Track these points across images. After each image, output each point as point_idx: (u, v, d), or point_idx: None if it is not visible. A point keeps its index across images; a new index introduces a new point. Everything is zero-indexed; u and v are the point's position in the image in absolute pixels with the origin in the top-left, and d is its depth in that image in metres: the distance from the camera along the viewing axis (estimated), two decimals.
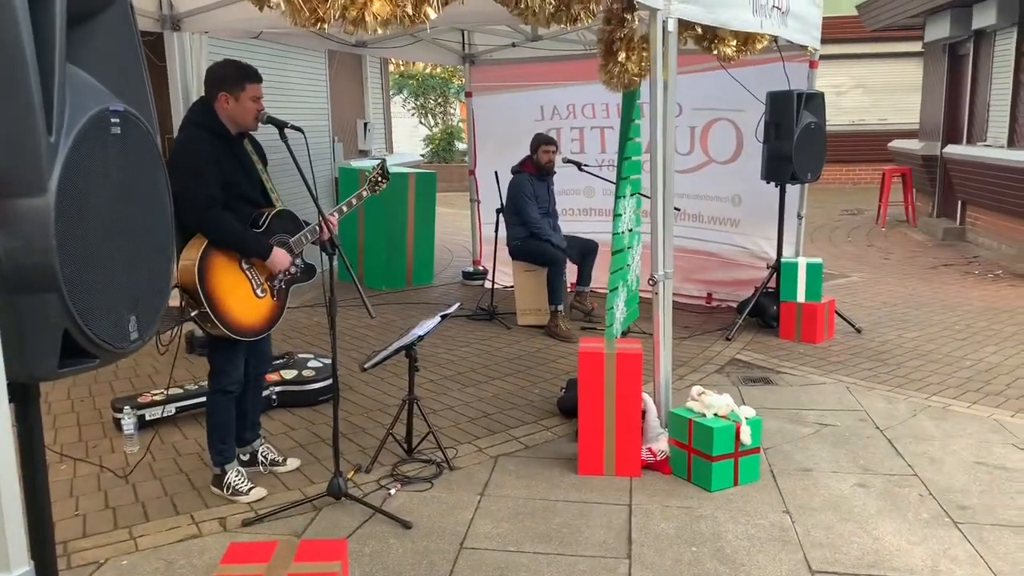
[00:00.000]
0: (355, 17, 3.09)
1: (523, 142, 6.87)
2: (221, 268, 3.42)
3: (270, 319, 3.61)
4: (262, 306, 3.56)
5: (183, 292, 3.36)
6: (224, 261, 3.44)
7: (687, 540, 3.26)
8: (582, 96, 7.54)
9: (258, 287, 3.54)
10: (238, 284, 3.48)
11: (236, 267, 3.48)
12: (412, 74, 20.83)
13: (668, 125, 3.99)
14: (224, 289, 3.42)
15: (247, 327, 3.50)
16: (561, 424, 4.51)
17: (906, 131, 14.86)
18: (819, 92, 6.25)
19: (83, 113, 1.49)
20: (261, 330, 3.57)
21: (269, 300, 3.59)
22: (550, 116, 7.79)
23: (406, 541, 3.28)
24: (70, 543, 3.31)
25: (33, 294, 1.44)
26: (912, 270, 8.99)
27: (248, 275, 3.52)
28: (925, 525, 3.36)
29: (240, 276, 3.49)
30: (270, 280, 3.60)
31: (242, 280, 3.50)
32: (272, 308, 3.61)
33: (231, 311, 3.43)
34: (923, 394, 4.94)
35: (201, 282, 3.34)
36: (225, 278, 3.43)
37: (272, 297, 3.61)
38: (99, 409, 4.83)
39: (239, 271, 3.49)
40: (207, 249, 3.38)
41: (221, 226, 3.40)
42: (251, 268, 3.53)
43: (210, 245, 3.39)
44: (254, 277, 3.54)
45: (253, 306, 3.52)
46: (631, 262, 4.60)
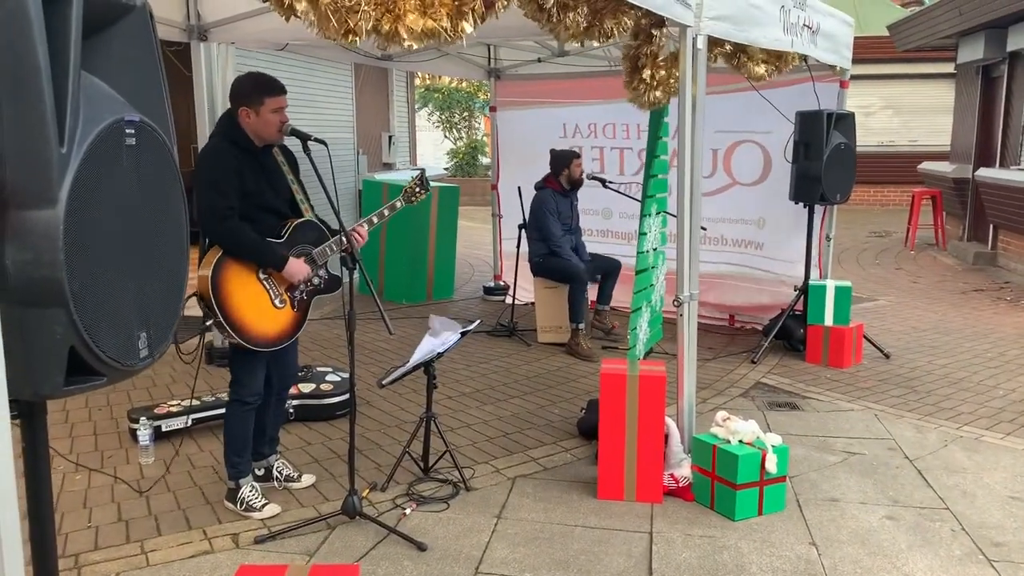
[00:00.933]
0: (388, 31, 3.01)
1: (546, 158, 6.81)
2: (237, 278, 3.39)
3: (289, 330, 3.56)
4: (281, 316, 3.52)
5: (200, 301, 3.33)
6: (240, 271, 3.41)
7: (709, 571, 3.16)
8: (605, 115, 7.48)
9: (276, 297, 3.50)
10: (255, 294, 3.44)
11: (253, 277, 3.45)
12: (438, 88, 20.90)
13: (696, 144, 3.91)
14: (239, 299, 3.38)
15: (264, 337, 3.45)
16: (581, 446, 4.43)
17: (936, 153, 14.66)
18: (849, 112, 6.16)
19: (97, 123, 1.45)
20: (279, 340, 3.52)
21: (289, 311, 3.55)
22: (572, 134, 7.73)
23: (420, 564, 3.20)
24: (81, 556, 3.27)
25: (40, 308, 1.40)
26: (942, 295, 8.81)
27: (266, 285, 3.48)
28: (958, 562, 3.24)
29: (257, 286, 3.45)
30: (290, 291, 3.56)
31: (259, 290, 3.46)
32: (292, 319, 3.57)
33: (246, 321, 3.39)
34: (954, 423, 4.80)
35: (215, 291, 3.31)
36: (241, 288, 3.40)
37: (292, 308, 3.56)
38: (116, 419, 4.80)
39: (256, 281, 3.45)
40: (222, 259, 3.35)
41: (236, 236, 3.38)
42: (269, 278, 3.49)
43: (225, 255, 3.36)
44: (272, 287, 3.50)
45: (271, 316, 3.48)
46: (655, 282, 4.52)
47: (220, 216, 3.33)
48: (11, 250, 1.37)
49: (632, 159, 7.47)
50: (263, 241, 3.45)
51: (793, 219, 6.56)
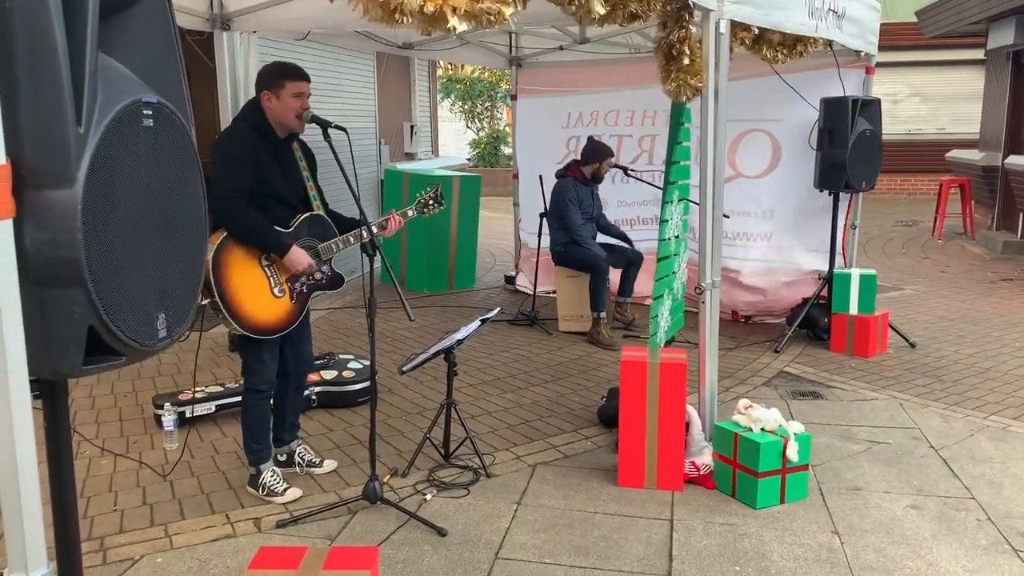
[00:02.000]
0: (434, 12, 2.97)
1: (569, 146, 6.77)
2: (238, 261, 3.40)
3: (286, 320, 3.54)
4: (278, 306, 3.51)
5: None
6: (243, 254, 3.41)
7: (730, 559, 3.15)
8: (627, 102, 7.40)
9: (276, 286, 3.50)
10: (255, 280, 3.44)
11: (255, 263, 3.45)
12: (459, 78, 20.87)
13: (719, 130, 3.88)
14: (238, 282, 3.38)
15: (258, 324, 3.44)
16: (601, 434, 4.42)
17: (964, 141, 14.42)
18: (875, 99, 6.07)
19: (114, 104, 1.46)
20: (275, 330, 3.50)
21: (287, 301, 3.54)
22: (591, 121, 7.64)
23: (441, 549, 3.21)
24: (107, 538, 3.31)
25: (59, 288, 1.40)
26: (969, 284, 8.68)
27: (267, 272, 3.48)
28: (984, 552, 3.20)
29: (258, 272, 3.46)
30: (291, 281, 3.55)
31: (260, 276, 3.46)
32: (288, 310, 3.54)
33: (243, 305, 3.39)
34: (981, 413, 4.73)
35: (215, 271, 3.31)
36: (241, 271, 3.40)
37: (291, 299, 3.55)
38: (141, 405, 4.86)
39: (258, 267, 3.46)
40: (227, 240, 3.36)
41: (239, 217, 3.37)
42: (271, 266, 3.49)
43: (229, 236, 3.37)
44: (273, 276, 3.50)
45: (268, 304, 3.47)
46: (677, 269, 4.48)
47: (227, 195, 3.33)
48: (30, 230, 1.38)
49: (632, 146, 7.37)
50: (267, 225, 3.44)
51: (807, 208, 6.44)
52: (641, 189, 6.96)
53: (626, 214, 7.47)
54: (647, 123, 7.31)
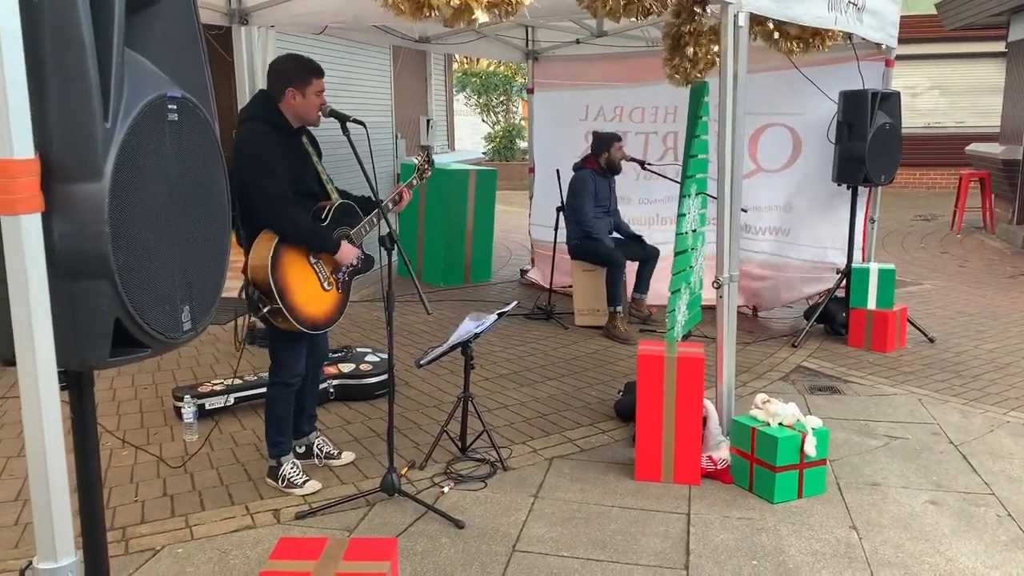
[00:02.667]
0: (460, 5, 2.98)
1: (587, 139, 6.74)
2: (292, 263, 3.42)
3: (337, 311, 3.61)
4: (329, 299, 3.56)
5: (255, 288, 3.35)
6: (294, 256, 3.44)
7: (747, 553, 3.15)
8: (646, 98, 7.37)
9: (325, 280, 3.54)
10: (307, 278, 3.48)
11: (305, 261, 3.48)
12: (475, 72, 20.86)
13: (737, 123, 3.86)
14: (294, 284, 3.42)
15: (315, 320, 3.50)
16: (618, 428, 4.42)
17: (984, 135, 14.29)
18: (895, 91, 6.02)
19: (140, 99, 1.47)
20: (328, 323, 3.56)
21: (335, 293, 3.59)
22: (611, 117, 7.62)
23: (458, 541, 3.23)
24: (128, 528, 3.35)
25: (86, 281, 1.42)
26: (989, 279, 8.61)
27: (315, 269, 3.52)
28: (1004, 548, 3.18)
29: (308, 270, 3.49)
30: (335, 273, 3.60)
31: (310, 274, 3.50)
32: (338, 301, 3.61)
33: (302, 305, 3.43)
34: (1001, 408, 4.70)
35: (274, 277, 3.33)
36: (295, 272, 3.43)
37: (337, 289, 3.60)
38: (161, 397, 4.90)
39: (308, 265, 3.49)
40: (279, 245, 3.37)
41: (293, 221, 3.39)
42: (318, 262, 3.53)
43: (281, 241, 3.38)
44: (321, 270, 3.54)
45: (321, 299, 3.52)
46: (694, 263, 4.48)
47: (275, 200, 3.33)
48: (57, 223, 1.40)
49: (657, 143, 7.33)
50: (319, 226, 3.48)
51: (825, 203, 6.41)
52: (661, 186, 6.93)
53: (646, 212, 7.43)
54: (669, 120, 7.29)
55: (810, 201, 6.50)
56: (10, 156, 1.33)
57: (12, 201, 1.34)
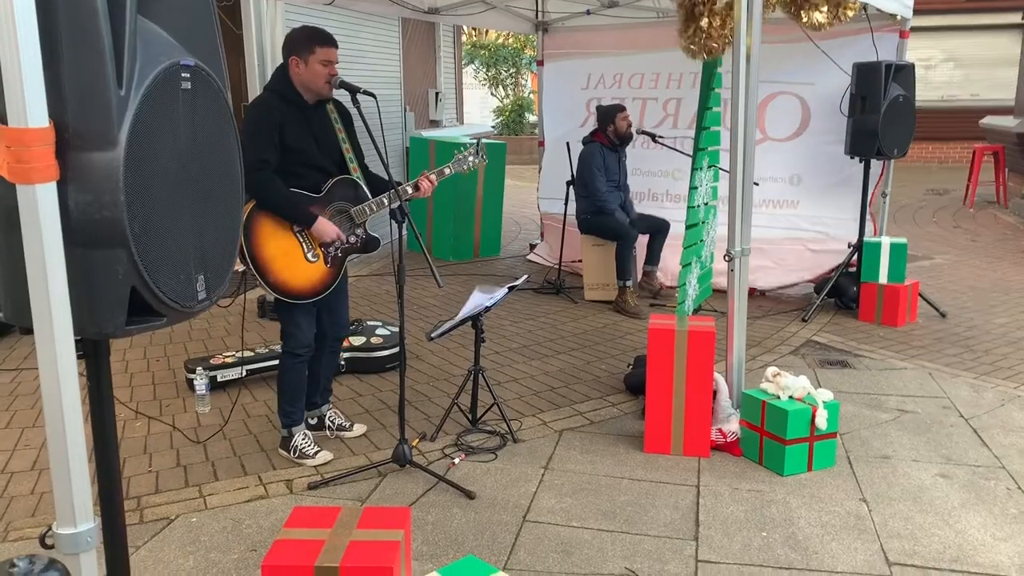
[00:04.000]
0: None
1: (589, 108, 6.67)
2: (270, 229, 3.43)
3: (321, 284, 3.57)
4: (312, 271, 3.54)
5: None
6: (274, 223, 3.45)
7: (757, 524, 3.16)
8: (645, 65, 7.27)
9: (309, 251, 3.52)
10: (288, 246, 3.47)
11: (287, 230, 3.48)
12: (484, 44, 20.71)
13: (750, 96, 3.82)
14: (270, 249, 3.42)
15: (294, 289, 3.48)
16: (627, 401, 4.43)
17: (999, 108, 14.13)
18: (909, 63, 5.95)
19: (154, 66, 1.47)
20: (311, 293, 3.54)
21: (321, 266, 3.56)
22: (611, 84, 7.51)
23: (469, 511, 3.26)
24: (143, 498, 3.39)
25: (102, 249, 1.43)
26: (1002, 253, 8.56)
27: (299, 238, 3.51)
28: (1013, 520, 3.19)
29: (290, 239, 3.49)
30: (324, 246, 3.58)
31: (293, 243, 3.49)
32: (324, 273, 3.57)
33: (277, 272, 3.43)
34: (1012, 383, 4.69)
35: (246, 240, 3.36)
36: (273, 239, 3.44)
37: (325, 263, 3.58)
38: (173, 369, 4.94)
39: (290, 234, 3.49)
40: (256, 208, 3.40)
41: (267, 189, 3.40)
42: (302, 232, 3.52)
43: (258, 206, 3.40)
44: (305, 240, 3.52)
45: (302, 270, 3.51)
46: (705, 237, 4.46)
47: (252, 167, 3.32)
48: (73, 191, 1.40)
49: (656, 109, 7.23)
50: (292, 196, 3.46)
51: (835, 175, 6.35)
52: (666, 158, 6.87)
53: (650, 185, 7.36)
54: (672, 86, 7.19)
55: (819, 173, 6.45)
56: (24, 125, 1.33)
57: (27, 170, 1.34)
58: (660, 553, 2.96)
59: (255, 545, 3.02)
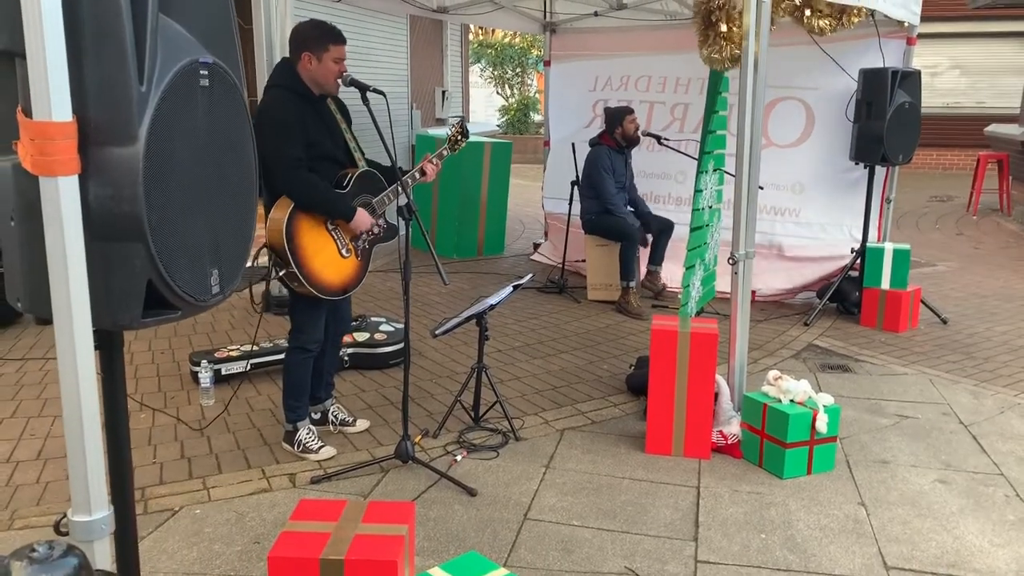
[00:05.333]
0: None
1: (595, 110, 6.69)
2: (308, 228, 3.45)
3: (355, 279, 3.63)
4: (347, 266, 3.58)
5: (271, 251, 3.39)
6: (311, 221, 3.46)
7: (756, 526, 3.19)
8: (654, 68, 7.28)
9: (343, 247, 3.57)
10: (324, 244, 3.50)
11: (322, 227, 3.50)
12: (491, 43, 20.73)
13: (757, 100, 3.84)
14: (311, 249, 3.45)
15: (332, 286, 3.53)
16: (629, 401, 4.46)
17: (1004, 116, 14.12)
18: (915, 70, 5.97)
19: (173, 64, 1.49)
20: (346, 289, 3.59)
21: (354, 260, 3.61)
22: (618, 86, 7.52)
23: (471, 508, 3.28)
24: (147, 489, 3.41)
25: (120, 243, 1.45)
26: (1004, 261, 8.57)
27: (333, 235, 3.54)
28: (1011, 527, 3.21)
29: (326, 236, 3.52)
30: (354, 240, 3.62)
31: (328, 240, 3.52)
32: (356, 268, 3.63)
33: (317, 271, 3.46)
34: (1012, 390, 4.71)
35: (289, 241, 3.36)
36: (312, 238, 3.46)
37: (356, 257, 3.63)
38: (178, 362, 4.96)
39: (325, 231, 3.51)
40: (295, 209, 3.40)
41: (306, 187, 3.41)
42: (336, 228, 3.55)
43: (297, 206, 3.41)
44: (339, 237, 3.56)
45: (339, 266, 3.55)
46: (709, 240, 4.48)
47: (290, 166, 3.36)
48: (93, 186, 1.43)
49: (663, 113, 7.24)
50: (334, 192, 3.50)
51: (839, 181, 6.36)
52: (671, 161, 6.89)
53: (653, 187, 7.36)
54: (680, 91, 7.20)
55: (823, 179, 6.46)
56: (48, 118, 1.36)
57: (50, 163, 1.37)
58: (660, 553, 2.99)
59: (258, 537, 3.05)
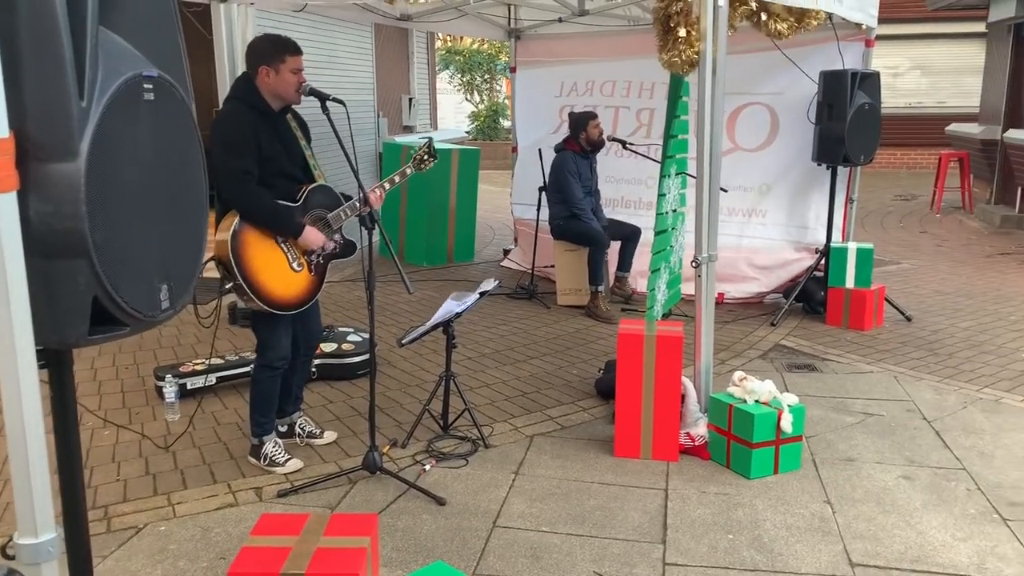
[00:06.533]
0: None
1: (562, 115, 6.72)
2: (256, 241, 3.42)
3: (307, 293, 3.60)
4: (298, 280, 3.55)
5: (218, 264, 3.37)
6: (259, 235, 3.43)
7: (724, 527, 3.20)
8: (618, 73, 7.32)
9: (294, 261, 3.54)
10: (273, 258, 3.47)
11: (271, 241, 3.47)
12: (458, 50, 20.74)
13: (716, 104, 3.88)
14: (258, 262, 3.42)
15: (282, 300, 3.49)
16: (598, 406, 4.47)
17: (964, 115, 14.38)
18: (874, 72, 6.06)
19: (116, 78, 1.47)
20: (298, 304, 3.56)
21: (306, 274, 3.58)
22: (583, 91, 7.56)
23: (439, 517, 3.27)
24: (111, 507, 3.36)
25: (63, 260, 1.43)
26: (967, 258, 8.72)
27: (283, 248, 3.51)
28: (972, 521, 3.25)
29: (275, 250, 3.49)
30: (307, 255, 3.59)
31: (277, 254, 3.49)
32: (309, 282, 3.60)
33: (265, 284, 3.43)
34: (974, 386, 4.78)
35: (235, 254, 3.34)
36: (259, 251, 3.43)
37: (309, 271, 3.59)
38: (142, 377, 4.90)
39: (275, 245, 3.48)
40: (241, 222, 3.38)
41: (253, 201, 3.39)
42: (286, 242, 3.52)
43: (242, 219, 3.39)
44: (290, 251, 3.53)
45: (289, 280, 3.51)
46: (674, 243, 4.51)
47: (238, 179, 3.35)
48: (34, 202, 1.40)
49: (629, 118, 7.27)
50: (280, 208, 3.47)
51: (804, 182, 6.44)
52: (640, 166, 6.92)
53: (623, 192, 7.38)
54: (644, 96, 7.24)
55: (788, 181, 6.53)
56: None
57: None
58: (628, 556, 2.99)
59: (224, 553, 3.01)
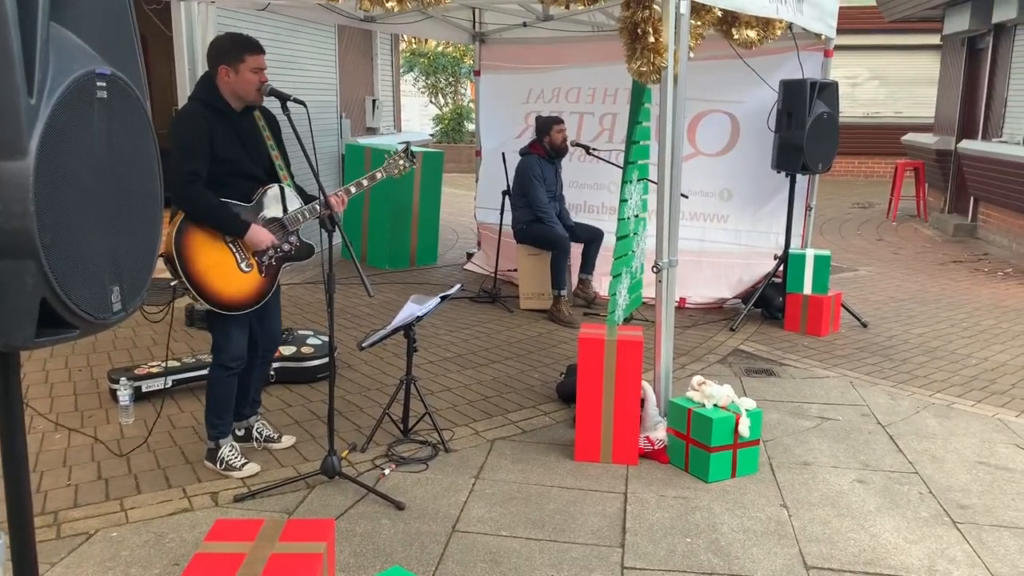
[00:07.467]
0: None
1: (527, 121, 6.73)
2: (202, 240, 3.38)
3: (257, 294, 3.53)
4: (247, 281, 3.50)
5: (166, 262, 3.33)
6: (206, 234, 3.40)
7: (682, 531, 3.23)
8: (583, 79, 7.36)
9: (243, 261, 3.48)
10: (220, 258, 3.43)
11: (219, 241, 3.43)
12: (423, 52, 20.69)
13: (677, 111, 3.91)
14: (204, 262, 3.38)
15: (230, 300, 3.44)
16: (560, 410, 4.48)
17: (921, 125, 14.70)
18: (833, 81, 6.16)
19: (67, 75, 1.44)
20: (246, 304, 3.50)
21: (255, 275, 3.52)
22: (549, 98, 7.59)
23: (398, 522, 3.25)
24: (60, 512, 3.29)
25: (10, 260, 1.39)
26: (921, 266, 8.90)
27: (232, 249, 3.46)
28: (924, 524, 3.32)
29: (223, 250, 3.44)
30: (257, 256, 3.54)
31: (225, 254, 3.44)
32: (258, 284, 3.53)
33: (211, 284, 3.38)
34: (927, 391, 4.88)
35: (179, 253, 3.30)
36: (205, 251, 3.39)
37: (260, 273, 3.54)
38: (96, 379, 4.80)
39: (223, 245, 3.44)
40: (185, 220, 3.35)
41: (198, 201, 3.36)
42: (235, 242, 3.48)
43: (187, 218, 3.36)
44: (238, 251, 3.48)
45: (236, 280, 3.46)
46: (636, 248, 4.54)
47: (183, 180, 3.31)
48: None
49: (593, 124, 7.31)
50: (224, 208, 3.42)
51: (764, 189, 6.53)
52: (603, 171, 6.96)
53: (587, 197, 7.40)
54: (608, 101, 7.29)
55: (749, 187, 6.62)
56: None
57: None
58: (587, 560, 3.00)
59: (177, 559, 2.96)
